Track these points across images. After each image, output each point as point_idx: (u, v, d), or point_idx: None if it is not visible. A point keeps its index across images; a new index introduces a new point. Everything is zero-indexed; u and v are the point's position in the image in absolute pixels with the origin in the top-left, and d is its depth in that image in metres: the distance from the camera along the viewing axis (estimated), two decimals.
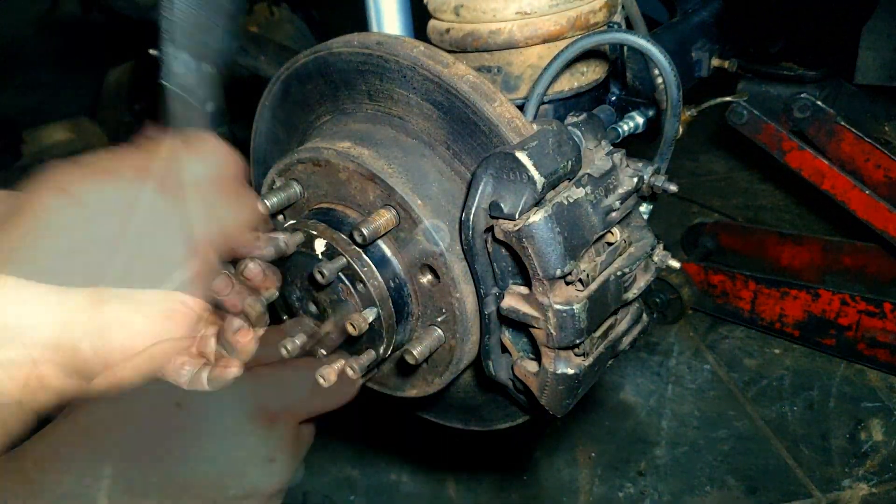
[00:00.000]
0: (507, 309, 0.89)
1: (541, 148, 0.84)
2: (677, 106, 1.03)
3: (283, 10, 3.32)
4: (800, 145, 2.31)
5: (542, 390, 0.92)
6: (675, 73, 0.99)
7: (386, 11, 1.21)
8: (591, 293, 0.87)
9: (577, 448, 2.32)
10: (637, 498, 2.15)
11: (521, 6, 1.03)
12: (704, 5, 1.71)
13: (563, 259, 0.83)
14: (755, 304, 2.58)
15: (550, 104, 1.12)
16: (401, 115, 0.98)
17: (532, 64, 1.08)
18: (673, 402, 2.47)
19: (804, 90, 2.29)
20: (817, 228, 3.23)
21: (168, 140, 0.78)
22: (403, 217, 0.93)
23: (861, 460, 2.21)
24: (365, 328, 0.95)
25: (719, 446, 2.30)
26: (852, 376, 2.51)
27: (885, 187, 2.28)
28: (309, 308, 1.03)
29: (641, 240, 0.97)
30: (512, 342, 0.96)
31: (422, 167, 0.96)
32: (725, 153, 3.96)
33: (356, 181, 0.96)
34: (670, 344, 2.71)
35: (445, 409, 1.20)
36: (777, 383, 2.52)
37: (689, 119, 1.46)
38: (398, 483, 2.22)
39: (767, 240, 2.88)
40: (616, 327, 0.97)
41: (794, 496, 2.13)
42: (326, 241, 0.95)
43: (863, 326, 2.37)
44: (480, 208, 0.85)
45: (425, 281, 0.96)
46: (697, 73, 1.65)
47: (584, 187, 0.88)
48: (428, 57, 0.92)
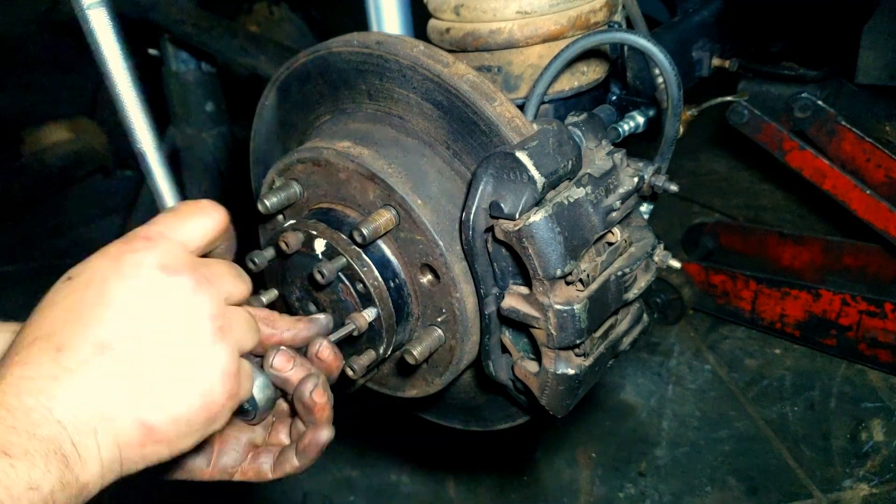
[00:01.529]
0: (508, 309, 0.89)
1: (541, 148, 0.84)
2: (678, 105, 1.02)
3: (283, 10, 3.32)
4: (800, 145, 2.31)
5: (542, 390, 0.92)
6: (676, 72, 0.99)
7: (386, 11, 1.21)
8: (591, 293, 0.87)
9: (578, 448, 2.32)
10: (637, 498, 2.15)
11: (522, 5, 1.03)
12: (705, 5, 1.70)
13: (564, 259, 0.83)
14: (756, 305, 2.58)
15: (551, 104, 1.12)
16: (401, 114, 0.98)
17: (532, 63, 1.07)
18: (673, 403, 2.47)
19: (805, 90, 2.29)
20: (818, 228, 3.23)
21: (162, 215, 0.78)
22: (403, 217, 0.93)
23: (862, 460, 2.21)
24: (365, 327, 0.95)
25: (720, 447, 2.29)
26: (853, 376, 2.50)
27: (886, 187, 2.28)
28: (309, 308, 1.02)
29: (642, 240, 0.96)
30: (512, 342, 0.95)
31: (422, 167, 0.96)
32: (726, 153, 3.96)
33: (356, 181, 0.95)
34: (671, 344, 2.71)
35: (445, 410, 1.20)
36: (778, 383, 2.51)
37: (689, 119, 1.46)
38: (398, 483, 2.22)
39: (768, 240, 2.88)
40: (616, 327, 0.97)
41: (795, 496, 2.12)
42: (326, 241, 0.95)
43: (864, 326, 2.37)
44: (481, 208, 0.85)
45: (425, 281, 0.96)
46: (698, 73, 1.65)
47: (584, 187, 0.88)
48: (428, 56, 0.92)
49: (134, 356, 0.67)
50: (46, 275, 2.79)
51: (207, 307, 0.71)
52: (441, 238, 0.92)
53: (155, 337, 0.68)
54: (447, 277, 0.93)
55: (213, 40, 2.26)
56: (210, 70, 2.55)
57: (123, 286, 0.69)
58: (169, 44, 2.47)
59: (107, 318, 0.67)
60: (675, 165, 1.05)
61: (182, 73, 2.52)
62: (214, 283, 0.73)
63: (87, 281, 0.69)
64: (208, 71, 2.55)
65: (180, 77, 2.52)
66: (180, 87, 2.54)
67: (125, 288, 0.69)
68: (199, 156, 2.59)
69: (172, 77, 2.54)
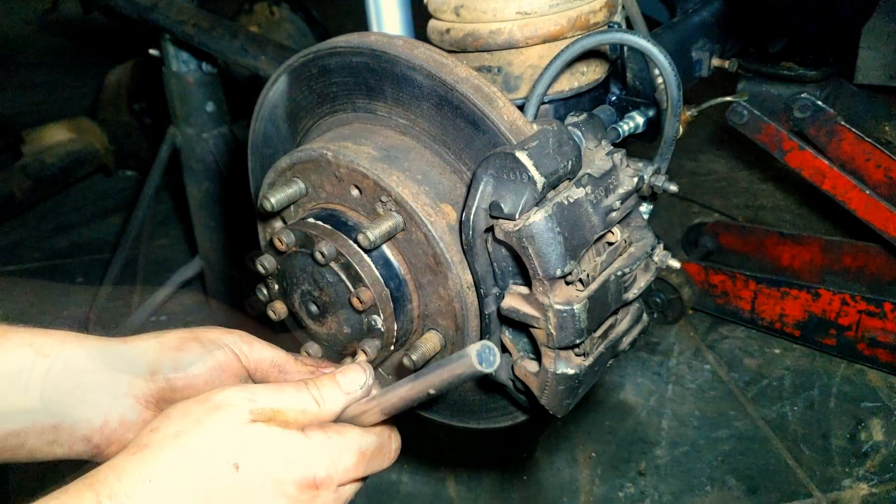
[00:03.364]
0: (508, 309, 0.89)
1: (541, 148, 0.84)
2: (677, 106, 1.03)
3: (283, 10, 3.32)
4: (800, 145, 2.31)
5: (542, 390, 0.92)
6: (676, 72, 0.99)
7: (386, 11, 1.21)
8: (591, 293, 0.87)
9: (578, 448, 2.32)
10: (637, 498, 2.15)
11: (521, 6, 1.03)
12: (705, 5, 1.70)
13: (564, 259, 0.83)
14: (755, 304, 2.58)
15: (551, 104, 1.12)
16: (401, 115, 0.98)
17: (532, 64, 1.08)
18: (673, 402, 2.47)
19: (804, 90, 2.29)
20: (818, 228, 3.23)
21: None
22: (404, 217, 0.93)
23: (861, 460, 2.21)
24: (374, 355, 0.95)
25: (719, 446, 2.30)
26: (853, 376, 2.51)
27: (886, 187, 2.28)
28: (310, 308, 1.02)
29: (642, 240, 0.97)
30: (512, 342, 0.96)
31: (422, 167, 0.96)
32: (726, 153, 3.96)
33: (357, 181, 0.96)
34: (671, 344, 2.71)
35: (445, 408, 1.20)
36: (777, 383, 2.52)
37: (689, 119, 1.46)
38: (398, 483, 2.22)
39: (768, 240, 2.88)
40: (616, 327, 0.97)
41: (795, 496, 2.12)
42: (327, 242, 0.95)
43: (863, 326, 2.37)
44: (481, 208, 0.85)
45: (426, 282, 0.96)
46: (698, 73, 1.65)
47: (584, 187, 0.88)
48: (428, 57, 0.92)
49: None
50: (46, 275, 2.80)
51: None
52: (441, 239, 0.92)
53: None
54: (447, 278, 0.93)
55: (214, 41, 2.26)
56: (211, 70, 2.55)
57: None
58: (169, 44, 2.47)
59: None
60: (674, 165, 1.06)
61: (182, 73, 2.51)
62: None
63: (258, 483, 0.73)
64: (209, 71, 2.55)
65: (181, 77, 2.52)
66: (181, 88, 2.54)
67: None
68: (200, 156, 2.59)
69: (173, 77, 2.54)
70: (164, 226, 3.57)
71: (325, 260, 0.94)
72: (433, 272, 0.95)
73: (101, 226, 3.72)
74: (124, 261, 2.84)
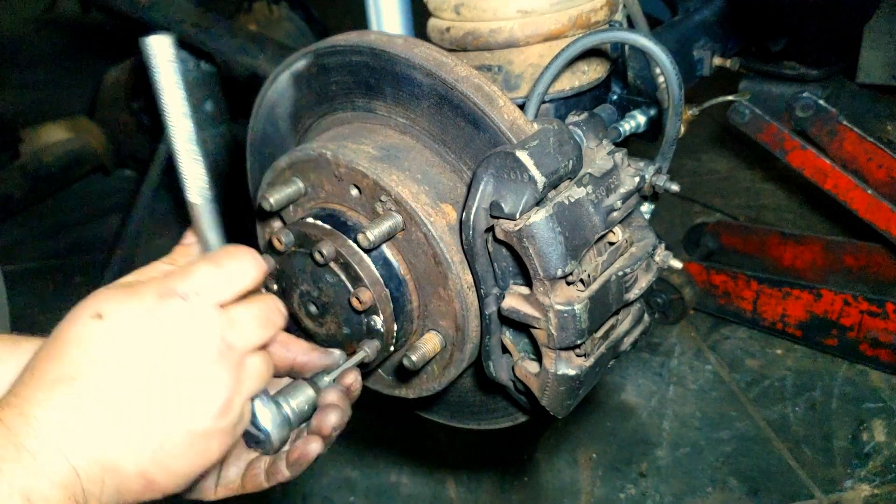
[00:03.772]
0: (508, 309, 0.88)
1: (542, 147, 0.84)
2: (679, 105, 1.02)
3: (283, 9, 3.32)
4: (802, 145, 2.30)
5: (542, 391, 0.91)
6: (677, 71, 0.99)
7: (386, 10, 1.20)
8: (592, 293, 0.86)
9: (578, 449, 2.31)
10: (638, 499, 2.15)
11: (522, 4, 1.03)
12: (706, 4, 1.70)
13: (565, 259, 0.82)
14: (757, 305, 2.57)
15: (551, 103, 1.11)
16: (401, 114, 0.97)
17: (533, 63, 1.07)
18: (674, 403, 2.46)
19: (806, 89, 2.28)
20: (819, 228, 3.22)
21: (196, 259, 0.84)
22: (403, 217, 0.92)
23: (863, 461, 2.20)
24: (374, 356, 0.95)
25: (721, 447, 2.29)
26: (854, 377, 2.50)
27: (888, 187, 2.27)
28: (309, 309, 1.02)
29: (643, 240, 0.96)
30: (513, 343, 0.95)
31: (422, 167, 0.95)
32: (727, 152, 3.95)
33: (356, 181, 0.95)
34: (672, 344, 2.71)
35: (446, 409, 1.20)
36: (779, 384, 2.51)
37: (690, 118, 1.45)
38: (398, 484, 2.22)
39: (769, 239, 2.87)
40: (617, 328, 0.97)
41: (796, 497, 2.12)
42: (326, 242, 0.95)
43: (865, 327, 2.36)
44: (481, 208, 0.84)
45: (426, 282, 0.96)
46: (699, 72, 1.65)
47: (585, 187, 0.87)
48: (428, 56, 0.91)
49: (151, 415, 0.71)
50: (46, 275, 2.80)
51: (226, 380, 0.74)
52: (441, 239, 0.91)
53: (172, 397, 0.72)
54: (447, 278, 0.92)
55: (213, 39, 2.25)
56: (209, 69, 2.54)
57: (153, 349, 0.72)
58: None
59: (131, 374, 0.71)
60: (676, 165, 1.05)
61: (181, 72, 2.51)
62: (236, 348, 0.75)
63: (121, 331, 0.71)
64: (207, 70, 2.54)
65: None
66: None
67: (155, 350, 0.72)
68: None
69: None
70: (162, 225, 3.56)
71: (325, 260, 0.94)
72: (433, 272, 0.94)
73: (99, 225, 3.71)
74: (123, 260, 2.83)
